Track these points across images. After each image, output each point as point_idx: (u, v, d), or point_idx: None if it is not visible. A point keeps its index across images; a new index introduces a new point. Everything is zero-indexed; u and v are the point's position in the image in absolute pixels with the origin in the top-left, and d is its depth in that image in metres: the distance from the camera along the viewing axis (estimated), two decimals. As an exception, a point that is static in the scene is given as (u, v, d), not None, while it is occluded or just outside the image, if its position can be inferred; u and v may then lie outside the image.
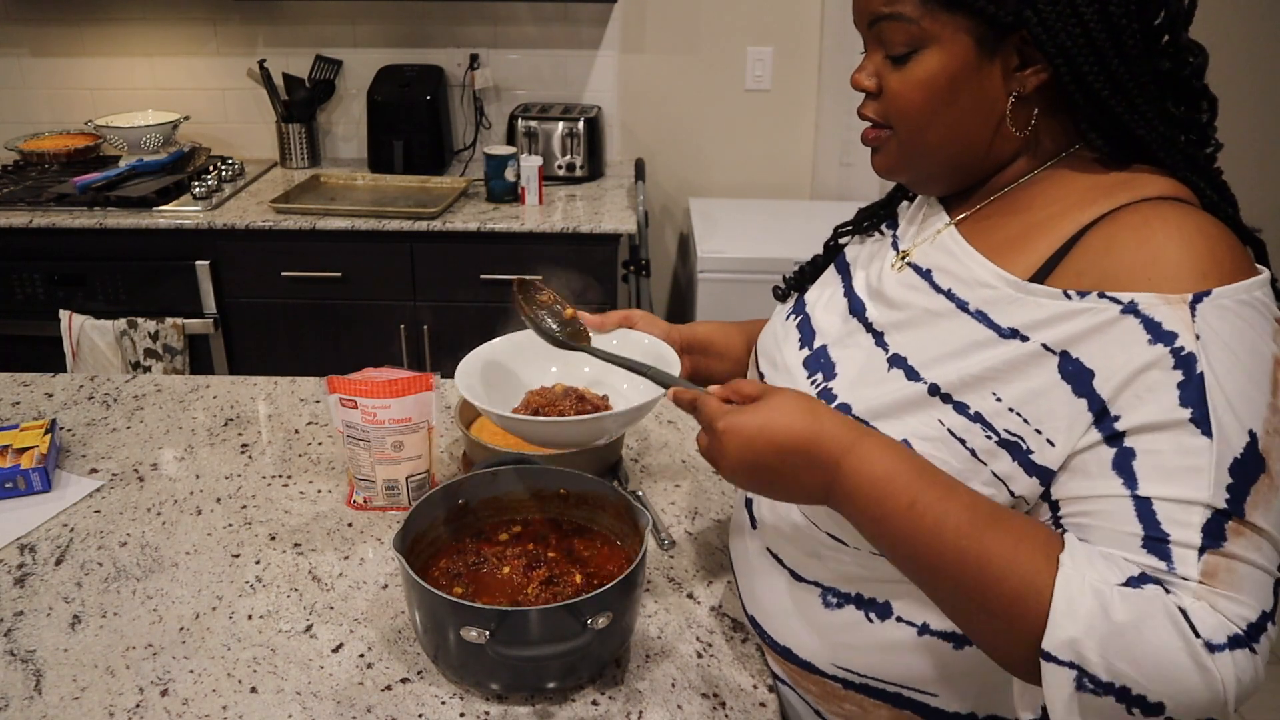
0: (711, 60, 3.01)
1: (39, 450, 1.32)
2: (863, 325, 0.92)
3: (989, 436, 0.78)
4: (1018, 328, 0.78)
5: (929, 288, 0.88)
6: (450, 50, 2.98)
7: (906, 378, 0.84)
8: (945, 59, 0.81)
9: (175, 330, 2.54)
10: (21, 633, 1.06)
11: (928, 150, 0.87)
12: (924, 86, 0.82)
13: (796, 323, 1.01)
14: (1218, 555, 0.68)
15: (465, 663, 0.95)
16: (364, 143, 2.97)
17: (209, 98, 3.05)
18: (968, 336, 0.81)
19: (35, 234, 2.50)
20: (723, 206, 2.99)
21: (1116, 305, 0.73)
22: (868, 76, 0.87)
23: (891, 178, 0.93)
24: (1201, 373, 0.70)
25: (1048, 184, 0.85)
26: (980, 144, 0.85)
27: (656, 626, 1.08)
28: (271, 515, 1.27)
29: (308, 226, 2.51)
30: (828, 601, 0.91)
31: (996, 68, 0.81)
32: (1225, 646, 0.66)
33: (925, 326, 0.86)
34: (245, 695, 0.97)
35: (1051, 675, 0.68)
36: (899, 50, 0.83)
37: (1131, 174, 0.82)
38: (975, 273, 0.84)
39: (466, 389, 1.03)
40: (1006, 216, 0.86)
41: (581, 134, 2.82)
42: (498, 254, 2.54)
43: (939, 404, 0.81)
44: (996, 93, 0.82)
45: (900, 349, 0.87)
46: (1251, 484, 0.69)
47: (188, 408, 1.54)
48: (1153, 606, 0.67)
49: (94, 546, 1.20)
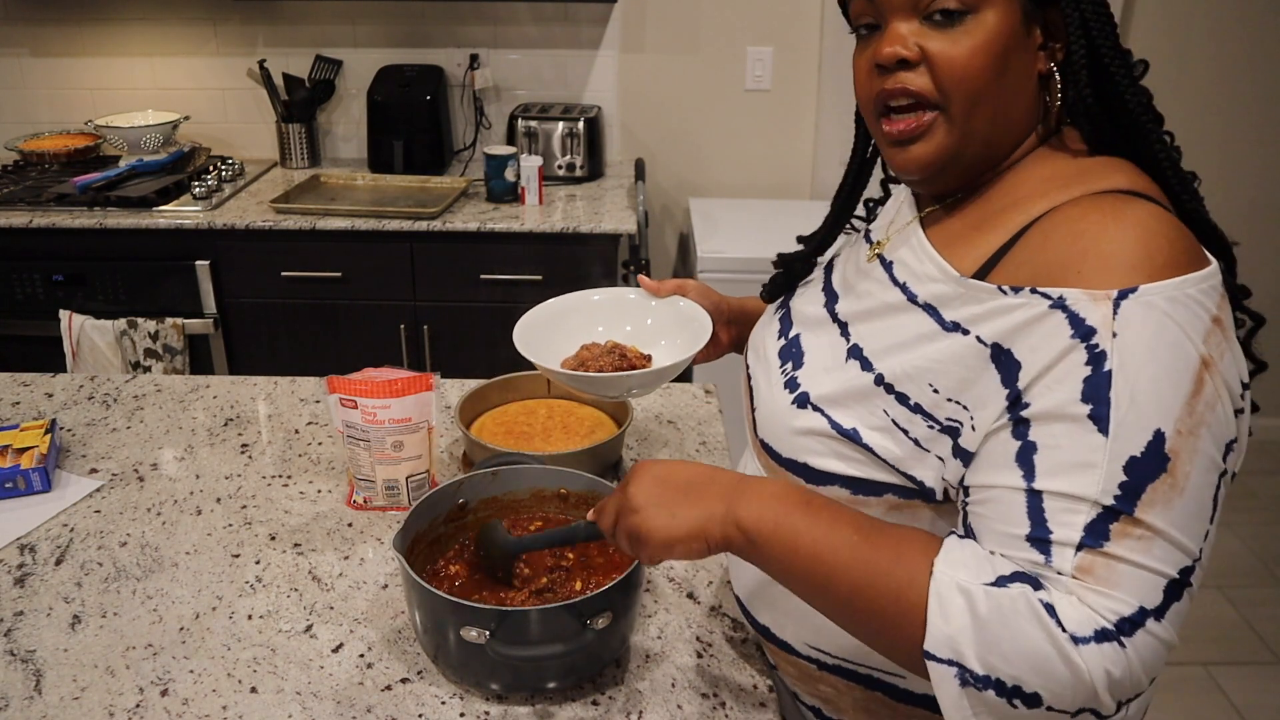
0: (711, 60, 3.01)
1: (39, 450, 1.32)
2: (830, 316, 0.94)
3: (930, 425, 0.80)
4: (959, 321, 0.80)
5: (889, 280, 0.89)
6: (450, 50, 2.98)
7: (861, 368, 0.86)
8: (1000, 21, 0.77)
9: (175, 330, 2.54)
10: (21, 633, 1.06)
11: (975, 131, 0.81)
12: (984, 50, 0.77)
13: (780, 315, 1.03)
14: (1095, 554, 0.69)
15: (465, 663, 0.95)
16: (364, 143, 2.97)
17: (209, 98, 3.05)
18: (915, 329, 0.83)
19: (35, 234, 2.50)
20: (723, 206, 2.99)
21: (1046, 300, 0.74)
22: (908, 45, 0.79)
23: (926, 173, 0.84)
24: (1109, 370, 0.70)
25: (1010, 175, 0.85)
26: (1017, 129, 0.83)
27: (656, 626, 1.08)
28: (271, 515, 1.27)
29: (308, 226, 2.51)
30: None
31: (1032, 41, 0.80)
32: (1091, 639, 0.67)
33: (882, 318, 0.88)
34: (245, 695, 0.97)
35: (936, 674, 0.71)
36: (952, 5, 0.77)
37: (1091, 164, 0.81)
38: (926, 267, 0.85)
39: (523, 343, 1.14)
40: (969, 207, 0.86)
41: (581, 134, 2.82)
42: (498, 254, 2.54)
43: (883, 394, 0.83)
44: (1031, 68, 0.81)
45: (859, 339, 0.89)
46: (1148, 483, 0.69)
47: (188, 408, 1.54)
48: (1016, 603, 0.68)
49: (94, 546, 1.20)
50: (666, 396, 1.59)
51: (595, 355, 1.17)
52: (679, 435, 1.48)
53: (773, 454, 0.92)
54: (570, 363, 1.17)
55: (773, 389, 0.94)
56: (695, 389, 1.62)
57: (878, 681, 0.91)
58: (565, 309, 1.24)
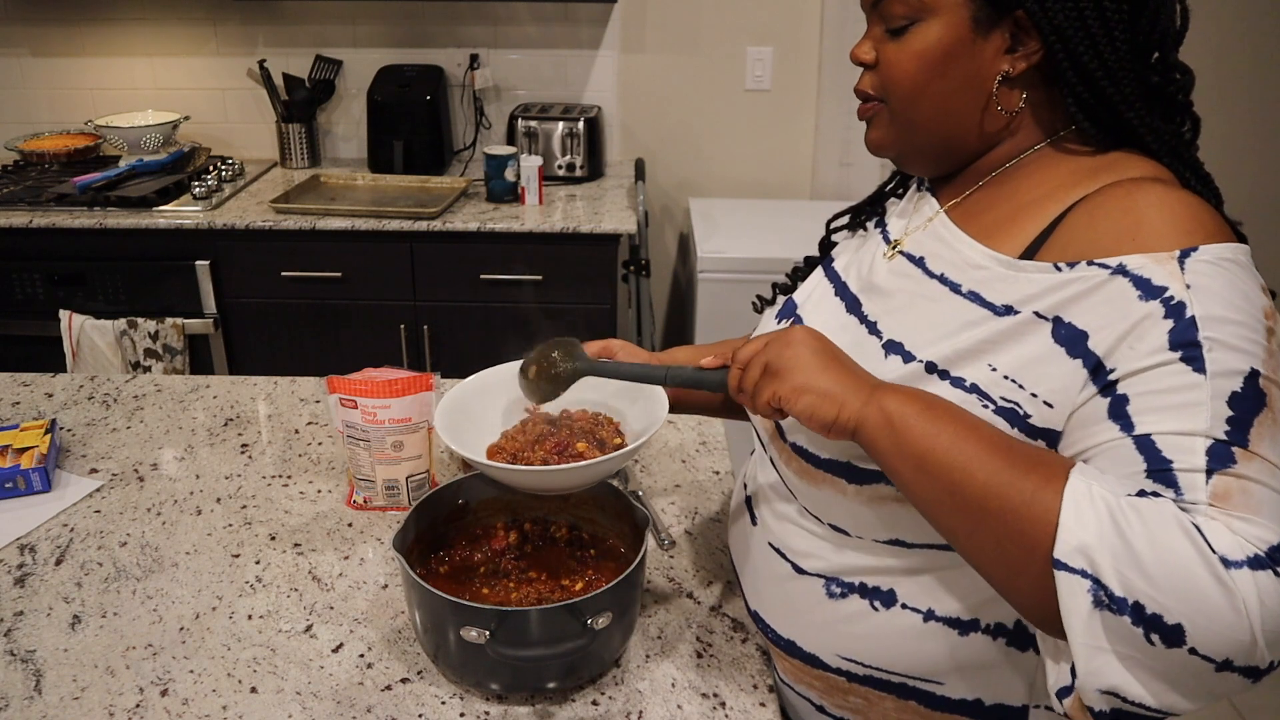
0: (711, 60, 3.01)
1: (39, 450, 1.32)
2: (857, 318, 0.93)
3: (985, 405, 0.79)
4: (1010, 303, 0.80)
5: (921, 274, 0.89)
6: (450, 50, 2.98)
7: (903, 361, 0.85)
8: (941, 31, 0.84)
9: (175, 330, 2.54)
10: (21, 633, 1.06)
11: (917, 124, 0.89)
12: (918, 57, 0.85)
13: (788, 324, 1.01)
14: (1228, 476, 0.66)
15: (465, 663, 0.95)
16: (364, 143, 2.97)
17: (209, 98, 3.05)
18: (961, 316, 0.83)
19: (35, 234, 2.50)
20: (723, 206, 2.99)
21: (1104, 270, 0.75)
22: (866, 50, 0.90)
23: (882, 153, 0.94)
24: (1193, 316, 0.70)
25: (1034, 168, 0.87)
26: (968, 123, 0.87)
27: (656, 626, 1.08)
28: (271, 515, 1.27)
29: (308, 226, 2.51)
30: (831, 592, 0.91)
31: (989, 47, 0.83)
32: (1244, 564, 0.62)
33: (917, 310, 0.87)
34: (245, 695, 0.97)
35: (1066, 585, 0.65)
36: (898, 23, 0.86)
37: (1114, 157, 0.84)
38: (967, 255, 0.86)
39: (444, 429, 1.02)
40: (997, 201, 0.88)
41: (581, 134, 2.82)
42: (498, 254, 2.54)
43: (935, 380, 0.82)
44: (986, 72, 0.84)
45: (894, 334, 0.88)
46: (1254, 416, 0.67)
47: (188, 408, 1.54)
48: (1164, 516, 0.64)
49: (94, 546, 1.20)
50: (666, 396, 1.59)
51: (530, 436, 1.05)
52: (679, 435, 1.48)
53: (809, 456, 0.89)
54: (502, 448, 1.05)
55: None
56: (695, 389, 1.61)
57: (912, 690, 0.89)
58: (492, 383, 1.10)
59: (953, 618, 0.85)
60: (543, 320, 2.56)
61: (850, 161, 3.05)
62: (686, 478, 1.37)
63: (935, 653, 0.87)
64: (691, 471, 1.38)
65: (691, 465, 1.40)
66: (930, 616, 0.86)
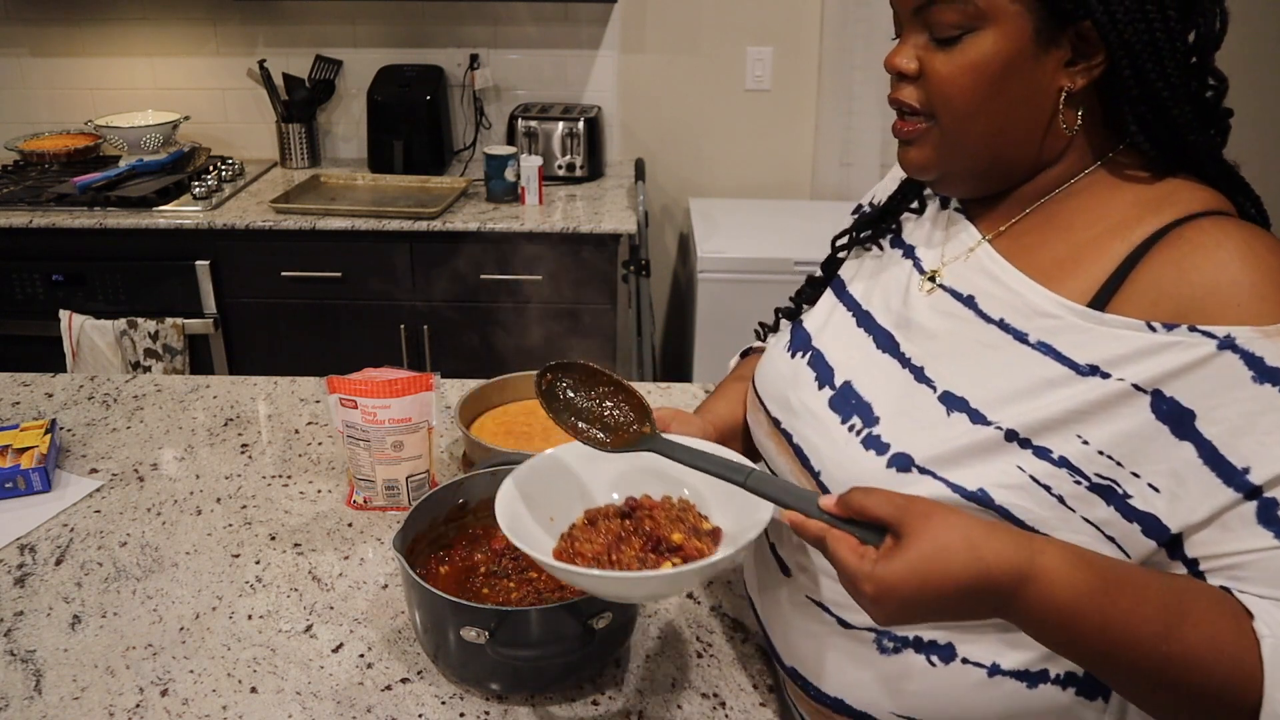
0: (711, 60, 3.01)
1: (39, 450, 1.32)
2: (897, 360, 0.85)
3: (1078, 482, 0.73)
4: (1097, 364, 0.73)
5: (974, 316, 0.82)
6: (450, 50, 2.98)
7: (971, 421, 0.77)
8: (1000, 42, 0.76)
9: (175, 330, 2.54)
10: (21, 633, 1.06)
11: (971, 144, 0.81)
12: (975, 70, 0.77)
13: (806, 359, 0.93)
14: None
15: (465, 663, 0.95)
16: (364, 143, 2.97)
17: (209, 98, 3.05)
18: (1036, 372, 0.76)
19: (35, 234, 2.50)
20: (723, 206, 2.99)
21: (1211, 340, 0.69)
22: (907, 59, 0.81)
23: (923, 175, 0.86)
24: None
25: (1088, 197, 0.81)
26: (1025, 143, 0.80)
27: (656, 626, 1.08)
28: (271, 515, 1.27)
29: (308, 226, 2.51)
30: (883, 646, 0.84)
31: (1050, 60, 0.76)
32: None
33: (976, 359, 0.80)
34: (245, 695, 0.97)
35: None
36: (949, 32, 0.77)
37: (1172, 185, 0.78)
38: (1030, 300, 0.79)
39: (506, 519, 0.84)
40: (1049, 234, 0.81)
41: (581, 134, 2.82)
42: (498, 254, 2.54)
43: (1017, 449, 0.75)
44: (1047, 86, 0.77)
45: (951, 385, 0.80)
46: None
47: (188, 408, 1.54)
48: None
49: (94, 546, 1.20)
50: (666, 396, 1.59)
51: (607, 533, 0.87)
52: (679, 435, 1.47)
53: None
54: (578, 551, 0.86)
55: (844, 450, 0.83)
56: (695, 389, 1.62)
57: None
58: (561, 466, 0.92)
59: (1020, 670, 0.80)
60: (544, 320, 2.56)
61: (850, 161, 3.05)
62: (686, 478, 1.36)
63: (1003, 707, 0.81)
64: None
65: (691, 465, 1.39)
66: (996, 670, 0.80)
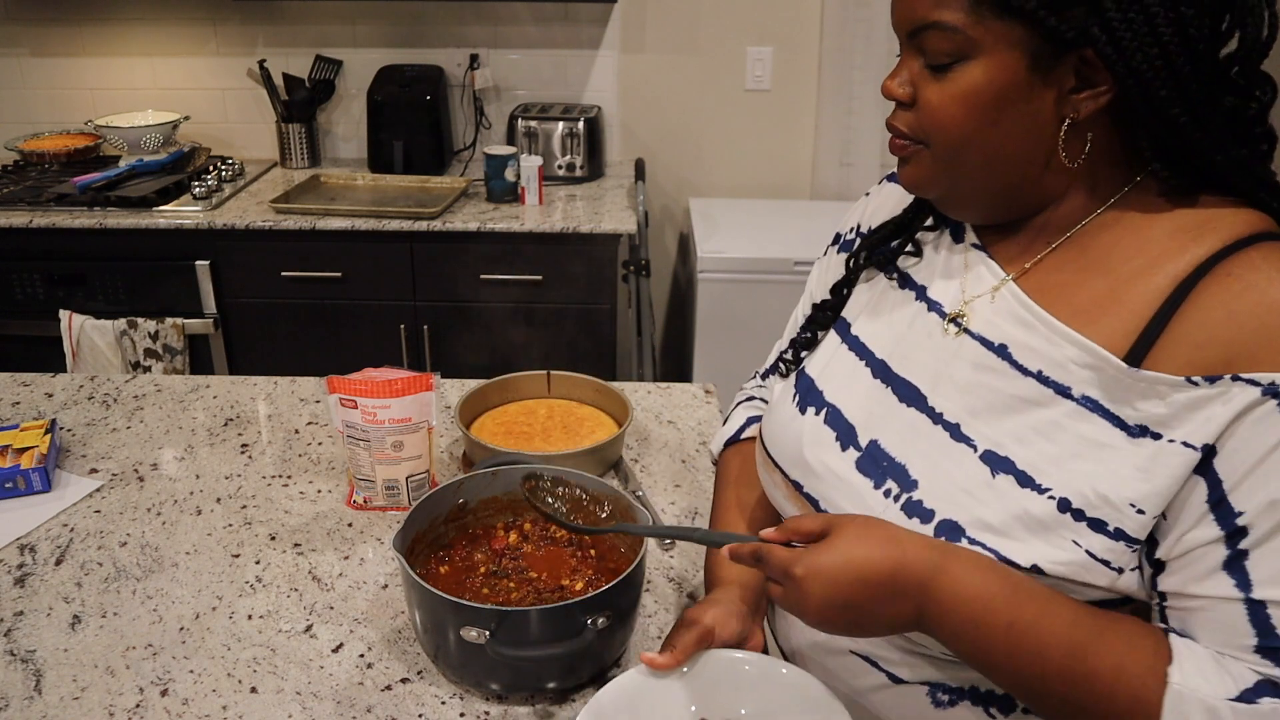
0: (711, 60, 3.01)
1: (39, 450, 1.32)
2: (927, 415, 0.82)
3: (1133, 548, 0.72)
4: (1146, 424, 0.71)
5: (1009, 368, 0.78)
6: (450, 50, 2.98)
7: (1019, 484, 0.75)
8: (991, 72, 0.73)
9: (175, 330, 2.54)
10: (21, 633, 1.06)
11: (966, 172, 0.79)
12: (964, 101, 0.74)
13: (822, 417, 0.89)
14: None
15: (465, 663, 0.95)
16: (364, 143, 2.97)
17: (209, 98, 3.05)
18: (1085, 433, 0.73)
19: (35, 234, 2.50)
20: (723, 206, 2.99)
21: (1255, 388, 0.67)
22: (900, 85, 0.79)
23: (921, 193, 0.84)
24: None
25: (1121, 230, 0.77)
26: (1028, 174, 0.78)
27: (656, 626, 1.08)
28: (271, 515, 1.27)
29: (308, 226, 2.51)
30: (937, 700, 0.82)
31: (1050, 89, 0.73)
32: None
33: (1016, 415, 0.77)
34: (245, 695, 0.97)
35: None
36: (941, 59, 0.75)
37: (1210, 209, 0.75)
38: (1068, 351, 0.75)
39: None
40: (1084, 273, 0.78)
41: (581, 134, 2.82)
42: (498, 254, 2.54)
43: (1071, 522, 0.72)
44: (1047, 116, 0.74)
45: (993, 445, 0.77)
46: None
47: (188, 408, 1.54)
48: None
49: (94, 546, 1.20)
50: (666, 396, 1.59)
51: None
52: (679, 435, 1.47)
53: None
54: None
55: (884, 517, 0.80)
56: (695, 389, 1.62)
57: None
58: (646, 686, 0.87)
59: None
60: (543, 321, 2.56)
61: (850, 161, 3.05)
62: (686, 478, 1.36)
63: None
64: (691, 471, 1.38)
65: (691, 465, 1.40)
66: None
